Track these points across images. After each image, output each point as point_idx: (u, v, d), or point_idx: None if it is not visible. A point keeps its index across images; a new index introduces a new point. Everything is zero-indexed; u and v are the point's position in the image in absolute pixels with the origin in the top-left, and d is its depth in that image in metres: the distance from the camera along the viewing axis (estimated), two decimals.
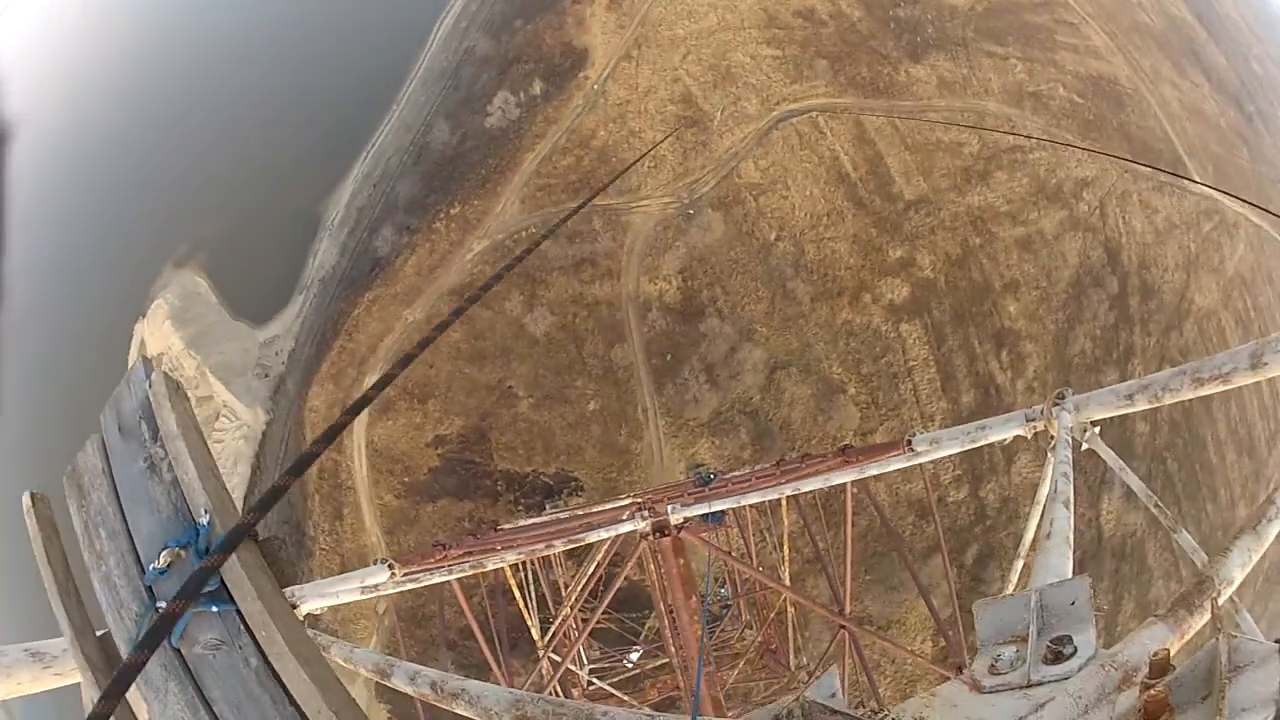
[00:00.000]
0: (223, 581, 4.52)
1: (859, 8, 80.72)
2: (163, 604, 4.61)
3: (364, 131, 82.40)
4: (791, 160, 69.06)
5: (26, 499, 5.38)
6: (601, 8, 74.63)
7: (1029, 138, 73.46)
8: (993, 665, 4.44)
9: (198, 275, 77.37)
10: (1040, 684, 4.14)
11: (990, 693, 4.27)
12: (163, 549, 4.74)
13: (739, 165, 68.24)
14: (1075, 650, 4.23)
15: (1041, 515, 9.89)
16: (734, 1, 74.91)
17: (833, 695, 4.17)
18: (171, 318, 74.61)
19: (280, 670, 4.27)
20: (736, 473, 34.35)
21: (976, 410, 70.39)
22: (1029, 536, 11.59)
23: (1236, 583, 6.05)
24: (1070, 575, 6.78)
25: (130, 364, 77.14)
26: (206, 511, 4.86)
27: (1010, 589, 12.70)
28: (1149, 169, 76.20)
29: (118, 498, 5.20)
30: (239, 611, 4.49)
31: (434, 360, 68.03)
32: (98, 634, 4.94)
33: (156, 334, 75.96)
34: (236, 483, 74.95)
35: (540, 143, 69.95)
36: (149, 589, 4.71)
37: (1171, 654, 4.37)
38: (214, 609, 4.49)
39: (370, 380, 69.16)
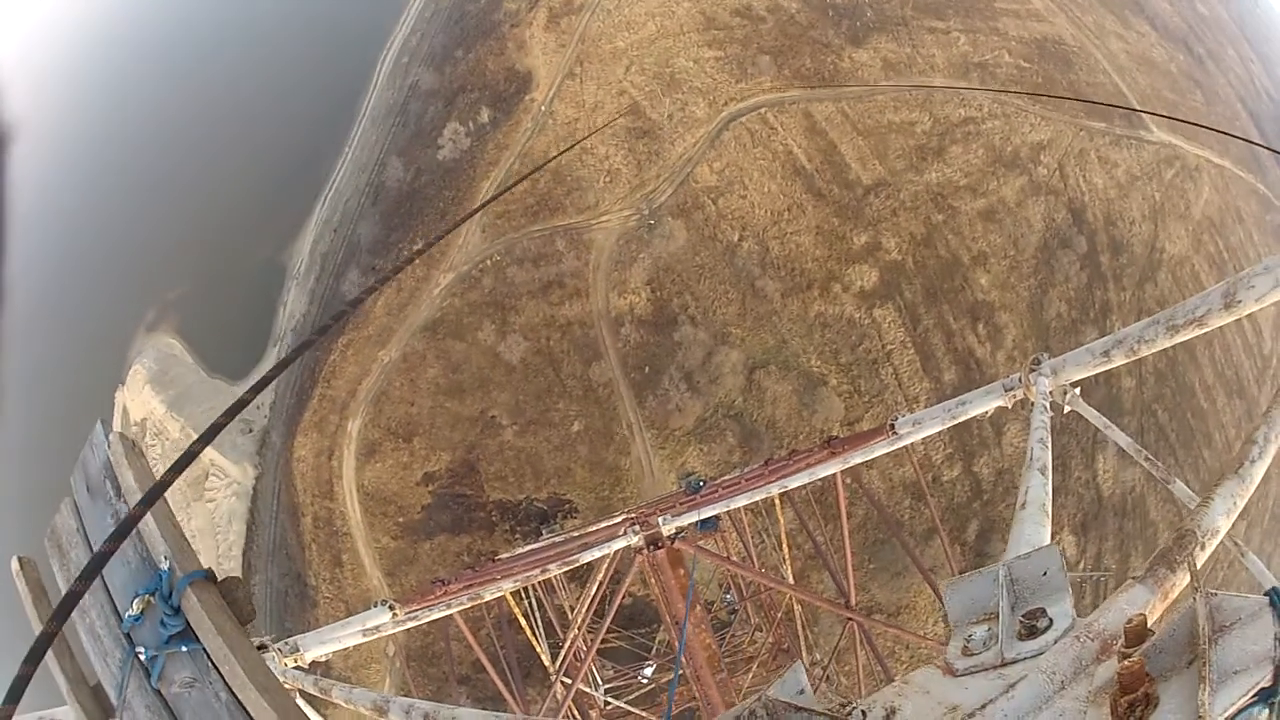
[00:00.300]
0: (187, 622, 4.93)
1: (795, 0, 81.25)
2: (141, 650, 4.98)
3: (319, 176, 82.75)
4: (745, 159, 69.06)
5: (14, 564, 5.96)
6: (540, 29, 74.54)
7: (1027, 95, 73.44)
8: (965, 646, 4.30)
9: (171, 338, 77.58)
10: (1014, 661, 3.99)
11: (964, 675, 4.12)
12: (134, 597, 5.19)
13: (694, 170, 68.20)
14: (1051, 623, 4.09)
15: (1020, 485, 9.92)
16: (671, 7, 75.04)
17: (800, 692, 4.02)
18: (150, 382, 74.68)
19: (245, 701, 4.59)
20: (726, 477, 34.23)
21: (960, 387, 70.26)
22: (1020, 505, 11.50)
23: (1223, 532, 5.98)
24: (1047, 544, 6.71)
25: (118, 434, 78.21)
26: (166, 558, 5.28)
27: None
28: (1167, 118, 75.41)
29: (92, 553, 5.60)
30: (205, 649, 4.83)
31: (414, 398, 67.96)
32: (90, 685, 5.36)
33: (137, 400, 75.74)
34: (234, 540, 74.63)
35: (494, 170, 69.90)
36: (127, 635, 5.13)
37: (1156, 616, 4.29)
38: (184, 649, 4.89)
39: (353, 425, 69.22)
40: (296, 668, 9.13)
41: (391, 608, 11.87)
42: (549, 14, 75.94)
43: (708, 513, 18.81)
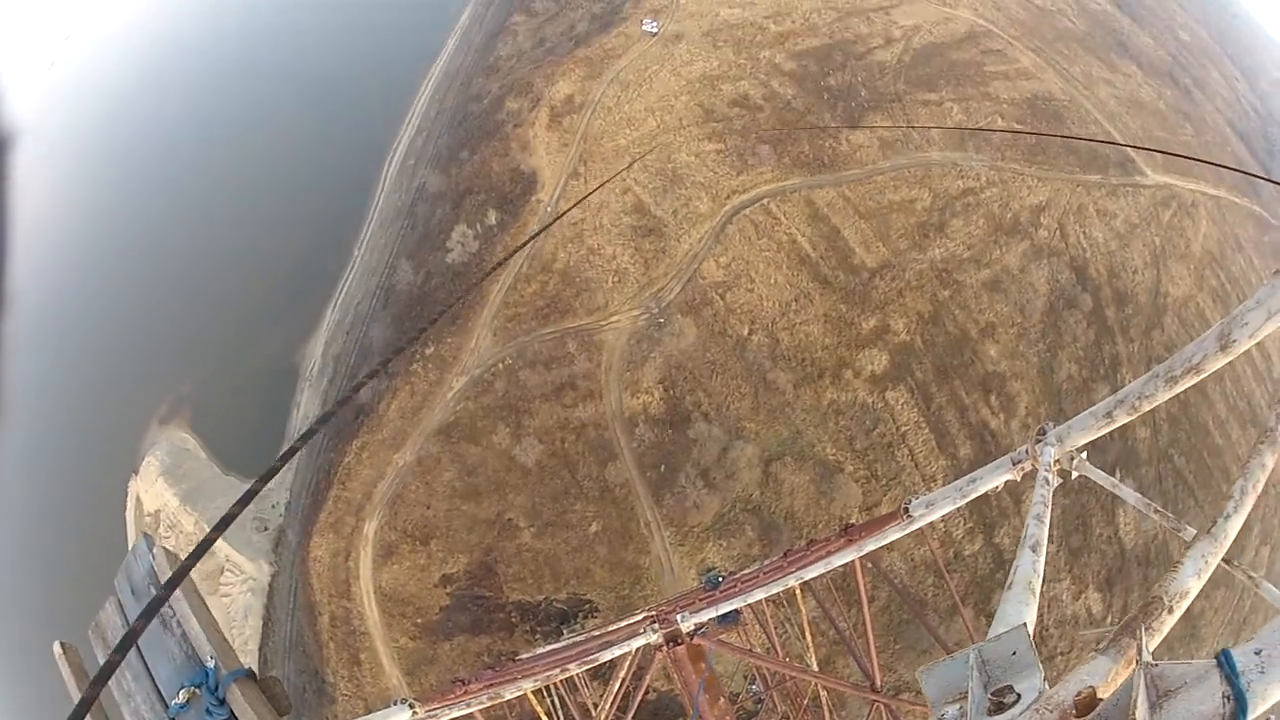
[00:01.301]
0: (231, 712, 5.78)
1: (790, 85, 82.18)
2: None
3: (329, 278, 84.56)
4: (751, 252, 69.55)
5: (57, 648, 6.71)
6: (543, 128, 75.54)
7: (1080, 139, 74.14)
8: None
9: (184, 432, 78.49)
10: None
11: None
12: (181, 688, 6.14)
13: (701, 266, 68.60)
14: (1018, 698, 4.30)
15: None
16: (670, 101, 76.19)
17: None
18: (164, 474, 75.28)
19: None
20: (746, 571, 34.16)
21: (976, 460, 70.18)
22: (1039, 571, 11.61)
23: (1193, 594, 6.20)
24: (1030, 623, 6.81)
25: (128, 521, 78.20)
26: (212, 657, 6.29)
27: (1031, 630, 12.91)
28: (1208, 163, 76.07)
29: (139, 648, 6.56)
30: None
31: (430, 501, 67.83)
32: None
33: (151, 491, 76.30)
34: (249, 634, 74.22)
35: (503, 272, 70.28)
36: None
37: (1118, 683, 4.50)
38: None
39: (370, 527, 69.21)
40: None
41: (411, 706, 11.86)
42: (550, 113, 77.09)
43: (726, 608, 18.60)
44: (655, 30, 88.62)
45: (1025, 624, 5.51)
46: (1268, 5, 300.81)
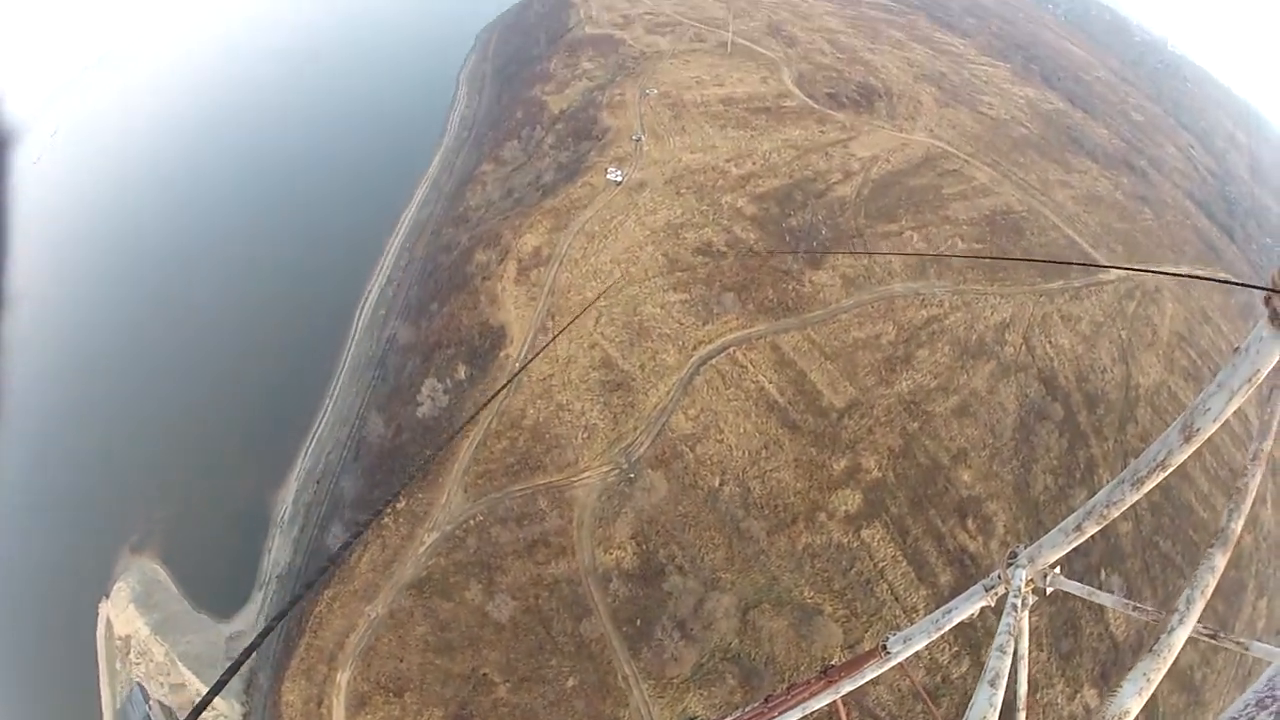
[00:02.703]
0: None
1: (753, 229, 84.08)
2: None
3: (302, 425, 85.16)
4: (719, 402, 70.14)
5: None
6: (511, 281, 76.56)
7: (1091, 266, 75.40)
8: None
9: (155, 563, 78.00)
10: None
11: None
12: None
13: (670, 419, 69.00)
14: None
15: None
16: (635, 253, 77.57)
17: None
18: (135, 602, 75.16)
19: None
20: (728, 719, 33.61)
21: (958, 586, 69.80)
22: (1022, 691, 11.44)
23: (1134, 712, 6.06)
24: None
25: (99, 641, 75.59)
26: None
27: None
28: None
29: None
30: None
31: (404, 654, 66.65)
32: None
33: (122, 616, 75.95)
34: None
35: (474, 428, 70.39)
36: None
37: None
38: None
39: (342, 677, 67.90)
40: None
41: None
42: (519, 265, 78.26)
43: None
44: (620, 179, 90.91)
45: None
46: (1216, 52, 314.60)
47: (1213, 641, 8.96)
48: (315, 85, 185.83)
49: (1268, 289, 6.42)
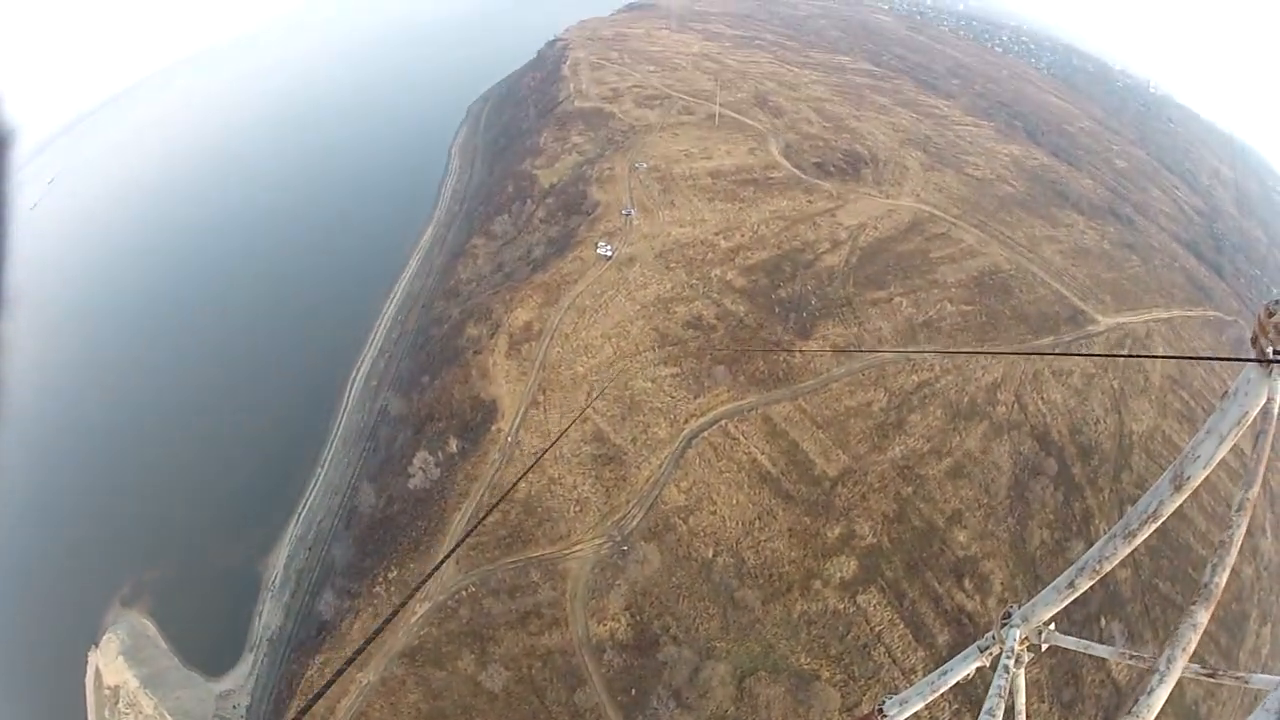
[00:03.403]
0: None
1: (743, 302, 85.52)
2: None
3: (293, 491, 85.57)
4: (711, 474, 70.41)
5: None
6: (502, 355, 77.38)
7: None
8: None
9: (145, 618, 78.30)
10: None
11: None
12: None
13: (662, 492, 69.23)
14: None
15: None
16: (625, 327, 78.62)
17: None
18: (124, 654, 75.36)
19: None
20: None
21: (956, 646, 69.28)
22: None
23: None
24: None
25: (87, 689, 75.06)
26: None
27: None
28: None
29: None
30: None
31: None
32: None
33: (111, 666, 76.08)
34: None
35: (465, 501, 70.49)
36: None
37: None
38: None
39: None
40: None
41: None
42: (510, 340, 79.26)
43: None
44: (610, 254, 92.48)
45: None
46: (1198, 88, 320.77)
47: (1212, 680, 8.92)
48: (308, 152, 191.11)
49: (1244, 359, 6.73)
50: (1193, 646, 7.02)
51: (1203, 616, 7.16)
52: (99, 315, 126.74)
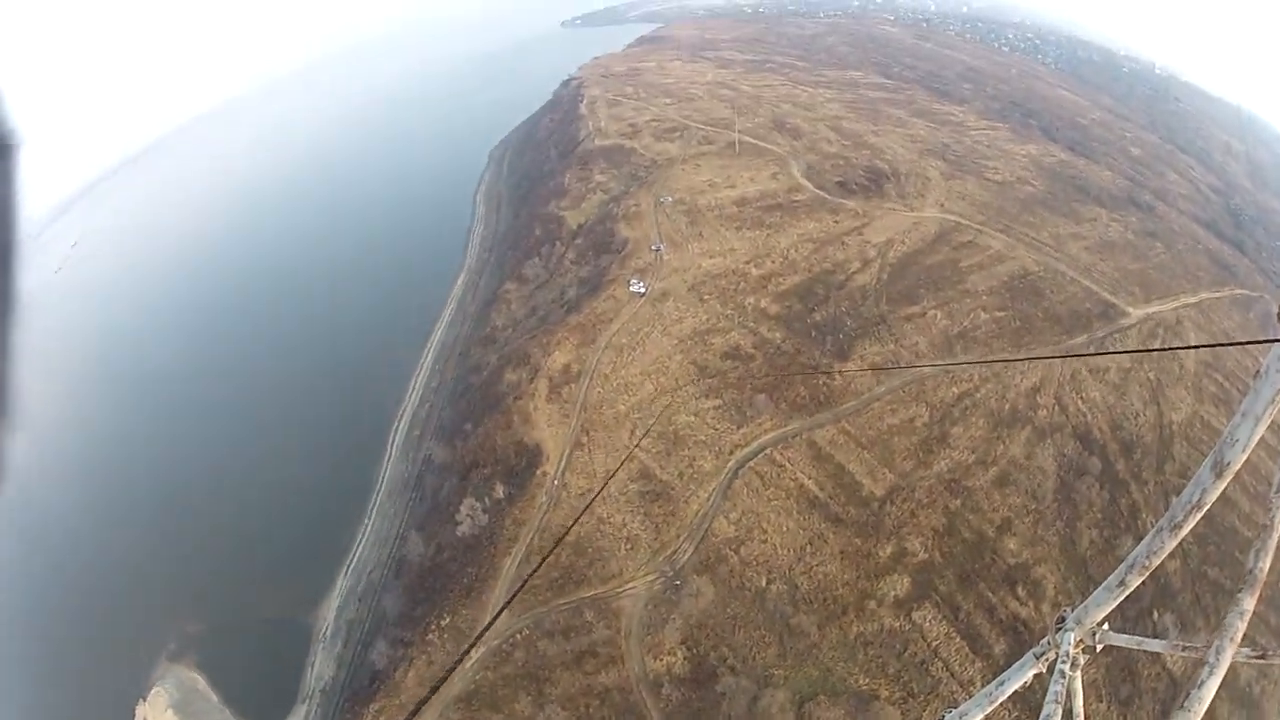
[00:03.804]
0: None
1: (779, 329, 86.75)
2: None
3: (342, 544, 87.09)
4: (759, 503, 70.92)
5: None
6: (542, 400, 78.75)
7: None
8: None
9: (194, 671, 79.47)
10: None
11: None
12: None
13: (711, 524, 69.82)
14: None
15: None
16: (664, 363, 79.76)
17: None
18: (173, 707, 76.42)
19: None
20: None
21: (1012, 654, 68.80)
22: None
23: None
24: None
25: None
26: None
27: None
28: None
29: None
30: None
31: None
32: None
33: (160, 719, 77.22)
34: None
35: (515, 546, 71.46)
36: None
37: None
38: None
39: None
40: None
41: None
42: (549, 383, 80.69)
43: None
44: (643, 290, 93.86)
45: None
46: (1201, 62, 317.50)
47: (1263, 662, 8.93)
48: (334, 205, 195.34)
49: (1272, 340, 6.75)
50: (1240, 635, 7.29)
51: (1249, 603, 7.52)
52: (140, 371, 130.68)
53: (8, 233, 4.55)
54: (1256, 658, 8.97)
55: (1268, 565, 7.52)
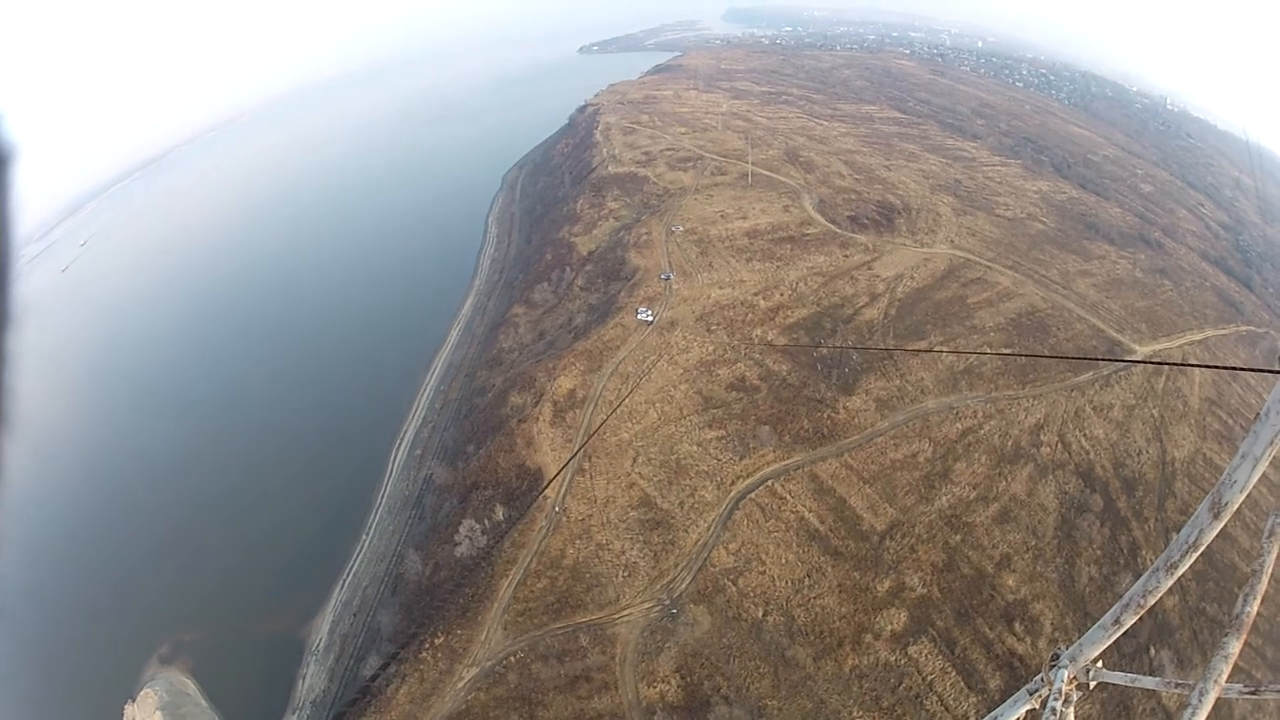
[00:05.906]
0: None
1: (784, 362, 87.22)
2: None
3: (337, 560, 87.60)
4: (759, 535, 71.23)
5: None
6: (546, 424, 79.48)
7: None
8: None
9: (185, 676, 79.89)
10: None
11: None
12: None
13: (710, 554, 70.12)
14: None
15: None
16: (669, 392, 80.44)
17: None
18: (162, 709, 76.39)
19: None
20: None
21: (1008, 690, 68.64)
22: None
23: None
24: None
25: None
26: None
27: None
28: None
29: None
30: None
31: None
32: None
33: None
34: None
35: (512, 568, 71.77)
36: None
37: None
38: None
39: None
40: None
41: None
42: (554, 408, 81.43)
43: None
44: (651, 319, 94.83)
45: None
46: (1211, 98, 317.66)
47: (1255, 697, 9.34)
48: (348, 220, 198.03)
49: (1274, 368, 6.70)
50: (1224, 678, 7.44)
51: (1235, 647, 7.67)
52: (141, 376, 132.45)
53: (2, 243, 4.53)
54: (1249, 693, 9.10)
55: (1255, 610, 7.73)
